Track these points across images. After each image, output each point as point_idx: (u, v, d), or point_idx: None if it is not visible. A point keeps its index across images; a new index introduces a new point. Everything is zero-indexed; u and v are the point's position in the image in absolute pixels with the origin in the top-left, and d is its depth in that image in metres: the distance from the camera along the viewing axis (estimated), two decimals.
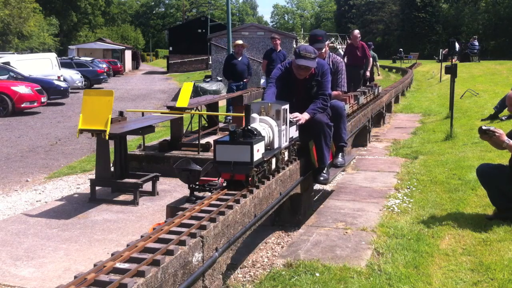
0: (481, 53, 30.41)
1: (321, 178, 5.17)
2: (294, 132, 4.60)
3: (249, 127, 3.79)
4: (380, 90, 12.14)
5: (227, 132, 4.44)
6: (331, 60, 5.75)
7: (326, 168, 5.18)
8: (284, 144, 4.33)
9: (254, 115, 4.09)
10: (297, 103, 4.98)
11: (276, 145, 4.17)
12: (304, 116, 4.88)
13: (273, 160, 4.12)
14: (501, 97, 10.24)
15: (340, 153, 5.67)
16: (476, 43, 29.37)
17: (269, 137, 4.04)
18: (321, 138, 4.99)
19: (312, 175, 5.25)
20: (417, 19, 54.64)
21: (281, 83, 5.09)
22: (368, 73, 13.86)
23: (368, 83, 12.96)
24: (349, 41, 14.21)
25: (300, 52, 4.89)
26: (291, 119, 4.56)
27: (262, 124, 4.06)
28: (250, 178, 3.71)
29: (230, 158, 3.61)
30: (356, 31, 13.04)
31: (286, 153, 4.47)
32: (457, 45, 28.57)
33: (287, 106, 4.32)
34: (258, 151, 3.68)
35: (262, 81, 13.51)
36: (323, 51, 5.64)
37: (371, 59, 13.35)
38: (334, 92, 5.59)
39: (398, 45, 49.33)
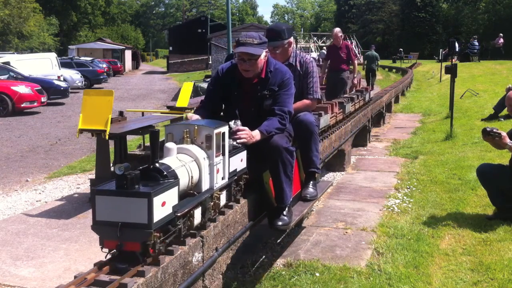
0: (481, 53, 30.40)
1: (279, 223, 3.69)
2: (238, 163, 3.32)
3: (155, 165, 2.52)
4: (372, 94, 10.74)
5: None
6: (298, 61, 4.46)
7: (287, 208, 3.76)
8: (220, 182, 3.06)
9: (169, 144, 2.80)
10: (242, 117, 3.67)
11: (205, 187, 2.89)
12: (254, 135, 3.46)
13: (198, 211, 2.81)
14: (501, 97, 10.24)
15: (311, 182, 4.34)
16: (476, 43, 29.36)
17: (191, 177, 2.76)
18: (278, 168, 3.62)
19: (268, 217, 3.85)
20: (417, 19, 54.59)
21: (220, 89, 3.80)
22: (355, 80, 11.67)
23: (353, 90, 10.68)
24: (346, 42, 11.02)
25: (239, 39, 3.67)
26: (234, 140, 3.30)
27: (181, 158, 2.78)
28: (150, 248, 2.38)
29: (117, 217, 2.33)
30: (337, 29, 10.64)
31: (224, 196, 3.17)
32: (457, 45, 28.63)
33: (224, 129, 3.06)
34: (165, 204, 2.41)
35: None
36: (279, 50, 4.32)
37: (356, 62, 10.89)
38: (305, 101, 4.32)
39: (398, 45, 49.29)
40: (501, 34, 28.11)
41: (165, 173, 2.51)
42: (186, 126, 2.98)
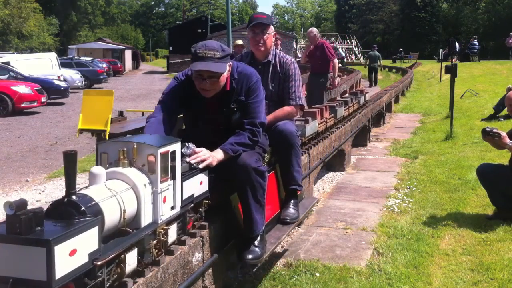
0: (481, 53, 30.39)
1: (249, 256, 3.09)
2: (196, 187, 2.73)
3: (71, 198, 1.96)
4: (368, 97, 10.04)
5: None
6: (278, 60, 3.92)
7: (259, 237, 3.16)
8: (168, 214, 2.46)
9: (95, 169, 2.21)
10: (208, 131, 3.16)
11: (145, 221, 2.30)
12: (217, 156, 2.92)
13: (131, 255, 2.17)
14: (501, 97, 10.24)
15: (292, 201, 3.77)
16: (476, 43, 29.36)
17: (123, 210, 2.16)
18: (247, 193, 3.04)
19: (236, 248, 3.24)
20: (417, 19, 54.61)
21: (176, 102, 3.15)
22: (337, 80, 10.89)
23: (329, 95, 10.05)
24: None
25: (197, 51, 2.96)
26: (191, 163, 2.74)
27: (113, 186, 2.20)
28: None
29: (8, 271, 1.75)
30: (311, 29, 9.87)
31: (174, 229, 2.55)
32: (457, 45, 28.62)
33: (174, 146, 2.48)
34: (75, 252, 1.81)
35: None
36: (267, 40, 3.85)
37: (336, 61, 9.78)
38: (286, 108, 3.83)
39: (398, 45, 49.29)
40: (511, 34, 27.92)
41: (82, 208, 1.92)
42: (123, 144, 2.36)
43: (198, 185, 2.76)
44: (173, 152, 2.47)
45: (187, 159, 2.74)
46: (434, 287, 3.66)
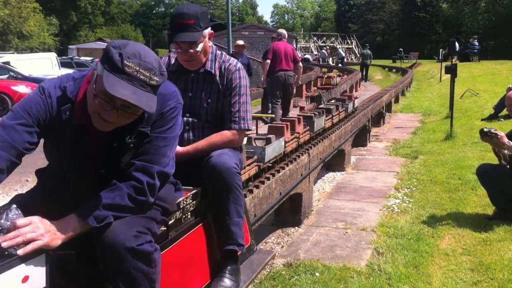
0: (481, 53, 30.40)
1: None
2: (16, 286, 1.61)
3: None
4: (357, 103, 8.83)
5: None
6: (218, 67, 2.88)
7: None
8: None
9: None
10: (75, 184, 2.07)
11: None
12: (61, 233, 1.82)
13: None
14: (501, 97, 10.25)
15: (229, 267, 2.71)
16: (476, 43, 29.38)
17: None
18: None
19: None
20: (417, 18, 54.63)
21: (39, 128, 2.00)
22: (299, 81, 11.00)
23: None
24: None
25: (124, 64, 1.81)
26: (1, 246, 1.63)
27: None
28: None
29: None
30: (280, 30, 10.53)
31: None
32: (457, 45, 28.64)
33: None
34: None
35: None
36: (198, 48, 2.73)
37: (300, 63, 10.26)
38: (225, 133, 2.83)
39: (398, 45, 49.32)
40: None
41: None
42: None
43: (19, 283, 1.61)
44: None
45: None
46: (434, 287, 3.66)
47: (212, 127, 2.87)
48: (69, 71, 25.59)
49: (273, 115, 9.98)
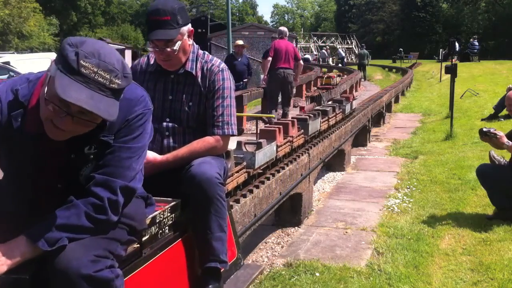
0: (481, 53, 30.41)
1: None
2: None
3: None
4: (355, 104, 8.48)
5: None
6: (200, 68, 2.68)
7: None
8: None
9: None
10: (39, 199, 1.83)
11: None
12: (6, 258, 1.60)
13: None
14: (501, 97, 10.25)
15: (210, 286, 2.51)
16: (476, 43, 29.39)
17: None
18: None
19: None
20: (417, 18, 54.62)
21: None
22: (298, 79, 11.05)
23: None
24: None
25: (80, 65, 1.58)
26: None
27: None
28: None
29: None
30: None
31: None
32: (457, 45, 28.65)
33: None
34: None
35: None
36: (176, 47, 2.52)
37: (301, 61, 10.47)
38: (208, 140, 2.62)
39: (398, 45, 49.32)
40: None
41: None
42: None
43: None
44: None
45: None
46: (434, 287, 3.66)
47: (194, 132, 2.67)
48: None
49: (273, 115, 10.00)
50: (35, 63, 21.39)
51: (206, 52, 2.76)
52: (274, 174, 4.24)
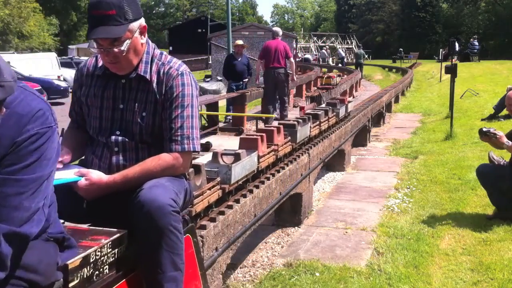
0: (481, 53, 30.41)
1: None
2: None
3: None
4: (350, 107, 7.95)
5: (227, 133, 2.69)
6: (156, 71, 2.27)
7: None
8: None
9: None
10: None
11: None
12: None
13: None
14: (501, 97, 10.24)
15: None
16: (476, 43, 29.40)
17: None
18: None
19: None
20: (417, 18, 54.62)
21: None
22: (295, 77, 11.39)
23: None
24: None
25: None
26: None
27: None
28: None
29: None
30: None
31: None
32: (457, 45, 28.64)
33: None
34: None
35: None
36: (123, 47, 2.12)
37: (292, 59, 10.95)
38: (164, 157, 2.21)
39: (398, 45, 49.33)
40: None
41: None
42: None
43: None
44: None
45: None
46: (434, 287, 3.66)
47: (149, 148, 2.27)
48: (69, 71, 25.62)
49: (273, 115, 10.03)
50: (35, 63, 21.42)
51: (164, 53, 2.36)
52: (274, 174, 4.24)
